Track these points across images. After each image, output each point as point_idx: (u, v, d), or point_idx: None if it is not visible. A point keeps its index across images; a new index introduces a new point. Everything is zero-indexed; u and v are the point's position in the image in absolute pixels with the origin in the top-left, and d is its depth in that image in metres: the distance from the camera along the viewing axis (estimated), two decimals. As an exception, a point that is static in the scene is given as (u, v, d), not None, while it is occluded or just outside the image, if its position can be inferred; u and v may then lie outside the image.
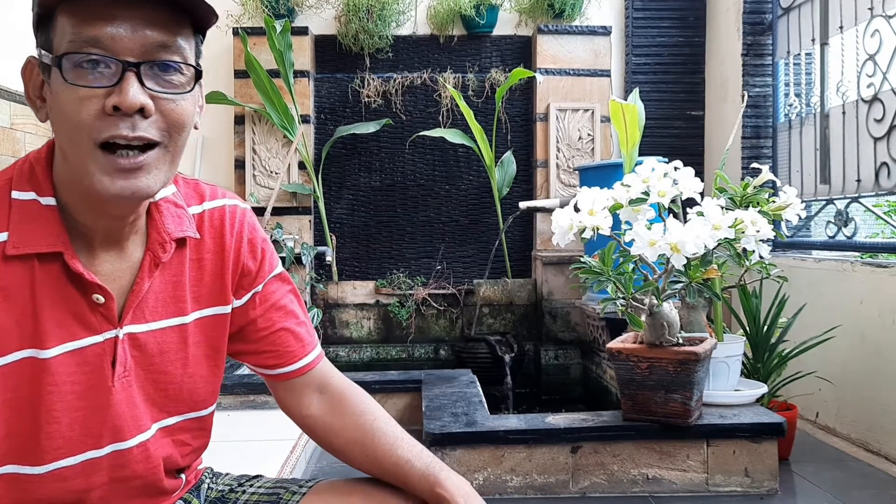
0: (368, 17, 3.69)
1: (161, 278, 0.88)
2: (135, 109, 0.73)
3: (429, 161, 3.90)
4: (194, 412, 0.93)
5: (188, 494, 1.01)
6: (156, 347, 0.87)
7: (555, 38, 3.76)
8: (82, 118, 0.73)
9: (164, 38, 0.75)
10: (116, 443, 0.84)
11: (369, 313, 3.79)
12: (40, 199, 0.80)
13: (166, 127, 0.77)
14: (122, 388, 0.84)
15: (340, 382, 1.02)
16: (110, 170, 0.75)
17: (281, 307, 0.99)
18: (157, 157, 0.77)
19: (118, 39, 0.73)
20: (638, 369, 2.05)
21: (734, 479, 2.12)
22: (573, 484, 2.13)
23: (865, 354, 2.52)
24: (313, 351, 1.02)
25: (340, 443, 0.99)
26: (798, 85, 3.34)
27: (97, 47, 0.73)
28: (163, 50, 0.75)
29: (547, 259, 3.59)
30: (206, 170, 3.89)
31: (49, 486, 0.82)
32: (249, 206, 1.01)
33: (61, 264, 0.80)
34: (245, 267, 0.95)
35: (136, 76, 0.74)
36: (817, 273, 2.80)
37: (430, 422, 2.22)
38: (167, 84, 0.76)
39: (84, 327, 0.81)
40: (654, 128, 3.69)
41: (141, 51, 0.74)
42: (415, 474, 0.93)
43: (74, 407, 0.81)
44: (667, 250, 1.85)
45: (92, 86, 0.73)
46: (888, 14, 2.51)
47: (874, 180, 2.59)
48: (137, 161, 0.76)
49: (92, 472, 0.84)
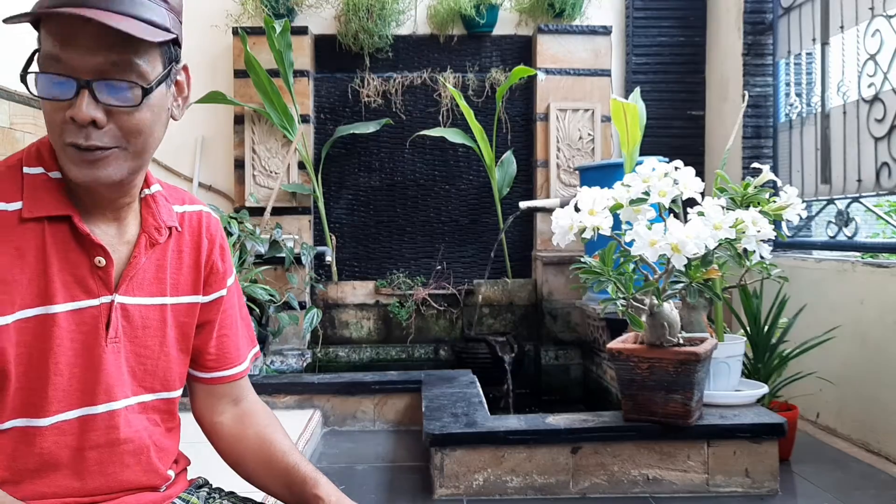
0: (368, 17, 3.68)
1: (148, 260, 0.97)
2: (86, 123, 0.83)
3: (429, 161, 3.90)
4: (165, 392, 1.01)
5: (185, 493, 1.05)
6: (140, 321, 0.96)
7: (555, 38, 3.75)
8: (54, 122, 0.85)
9: (116, 57, 0.84)
10: (109, 402, 0.93)
11: (369, 313, 3.78)
12: (48, 173, 0.91)
13: (122, 134, 0.87)
14: (112, 351, 0.93)
15: (255, 399, 1.15)
16: (77, 161, 0.86)
17: (233, 314, 1.11)
18: (116, 154, 0.87)
19: (75, 59, 0.83)
20: (638, 370, 2.05)
21: (735, 480, 2.12)
22: (573, 484, 2.13)
23: (866, 355, 2.51)
24: (245, 362, 1.13)
25: (241, 448, 1.09)
26: (799, 85, 3.34)
27: (60, 64, 0.83)
28: (114, 68, 0.84)
29: (547, 259, 3.58)
30: (206, 169, 3.89)
31: (50, 439, 0.89)
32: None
33: (69, 227, 0.90)
34: (215, 266, 1.06)
35: (90, 92, 0.83)
36: (818, 273, 2.80)
37: (430, 422, 2.22)
38: (121, 98, 0.85)
39: (84, 290, 0.91)
40: (654, 127, 3.68)
41: (94, 69, 0.83)
42: (299, 476, 1.03)
43: (73, 363, 0.90)
44: (667, 250, 1.85)
45: (55, 99, 0.84)
46: (889, 14, 2.50)
47: (875, 180, 2.59)
48: (96, 156, 0.86)
49: (87, 428, 0.92)
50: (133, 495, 0.97)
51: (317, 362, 3.59)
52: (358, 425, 2.84)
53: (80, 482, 0.92)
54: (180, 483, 1.05)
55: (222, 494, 1.08)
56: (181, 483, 1.06)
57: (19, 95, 3.02)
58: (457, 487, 2.12)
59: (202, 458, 1.18)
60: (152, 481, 0.99)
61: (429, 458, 2.20)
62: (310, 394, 2.84)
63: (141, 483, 0.97)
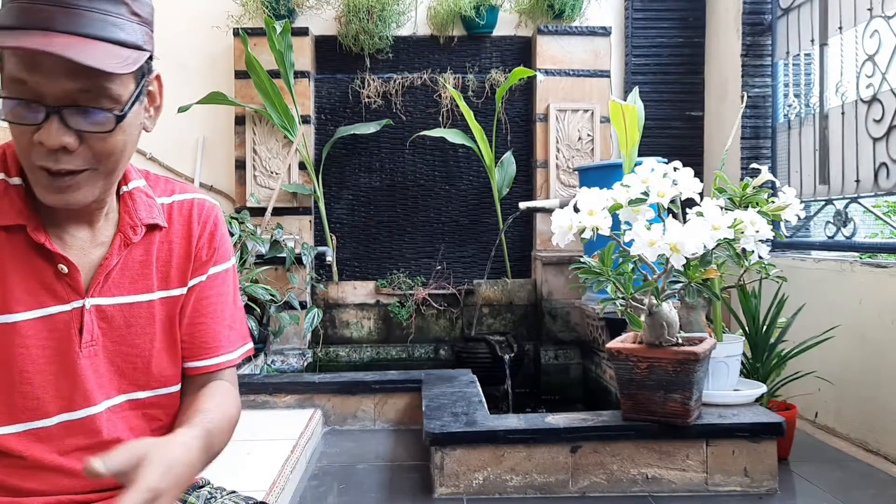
0: (369, 18, 3.69)
1: (130, 257, 0.95)
2: (56, 148, 0.81)
3: (429, 161, 3.90)
4: (162, 388, 0.99)
5: (184, 493, 1.03)
6: (123, 320, 0.94)
7: (555, 39, 3.76)
8: (22, 145, 0.83)
9: (84, 84, 0.80)
10: (88, 406, 0.92)
11: (369, 313, 3.79)
12: (8, 179, 0.89)
13: (93, 157, 0.84)
14: (88, 355, 0.91)
15: (227, 389, 1.02)
16: (46, 185, 0.84)
17: (216, 302, 1.02)
18: (88, 177, 0.85)
19: (42, 85, 0.79)
20: (637, 369, 2.05)
21: (733, 479, 2.13)
22: (573, 483, 2.14)
23: (865, 354, 2.52)
24: (225, 355, 1.02)
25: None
26: (797, 85, 3.34)
27: (25, 87, 0.80)
28: (83, 94, 0.81)
29: (547, 259, 3.59)
30: (207, 170, 3.89)
31: (25, 445, 0.89)
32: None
33: (26, 237, 0.88)
34: (198, 254, 1.01)
35: (59, 118, 0.80)
36: (816, 273, 2.80)
37: (430, 421, 2.23)
38: (93, 124, 0.82)
39: (51, 296, 0.89)
40: (653, 128, 3.70)
41: (63, 96, 0.80)
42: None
43: (45, 370, 0.89)
44: (666, 250, 1.85)
45: (22, 123, 0.81)
46: (887, 15, 2.51)
47: (873, 180, 2.60)
48: (65, 182, 0.84)
49: (67, 434, 0.91)
50: None
51: (317, 362, 3.61)
52: (358, 424, 2.85)
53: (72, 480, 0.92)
54: None
55: (224, 494, 1.08)
56: None
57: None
58: (457, 486, 2.13)
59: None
60: None
61: (429, 458, 2.21)
62: (310, 393, 2.85)
63: None
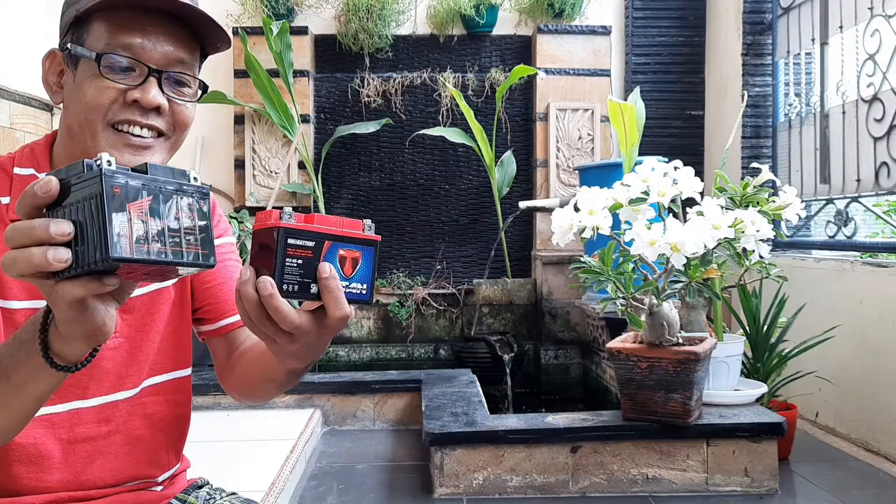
0: (368, 17, 3.69)
1: None
2: (152, 107, 0.87)
3: (429, 161, 3.90)
4: (177, 371, 1.02)
5: (184, 493, 1.05)
6: (144, 310, 0.98)
7: (555, 38, 3.76)
8: (102, 102, 0.86)
9: (182, 54, 0.90)
10: (102, 395, 0.94)
11: (369, 313, 3.79)
12: (38, 174, 0.92)
13: (174, 124, 0.91)
14: (107, 346, 0.93)
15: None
16: (119, 145, 0.88)
17: (227, 267, 1.07)
18: (162, 143, 0.91)
19: (146, 49, 0.87)
20: (638, 369, 2.05)
21: (734, 479, 2.12)
22: (573, 483, 2.13)
23: (865, 354, 2.52)
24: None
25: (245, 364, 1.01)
26: (798, 84, 3.34)
27: (129, 52, 0.86)
28: (179, 64, 0.90)
29: (547, 259, 3.59)
30: (206, 169, 3.89)
31: (38, 431, 0.90)
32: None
33: None
34: None
35: (158, 81, 0.88)
36: (817, 273, 2.80)
37: (429, 421, 2.22)
38: (180, 92, 0.91)
39: None
40: (654, 127, 3.69)
41: (164, 61, 0.88)
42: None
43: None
44: (666, 250, 1.85)
45: (120, 82, 0.86)
46: (888, 14, 2.51)
47: (874, 180, 2.59)
48: (146, 141, 0.89)
49: (78, 422, 0.92)
50: (131, 493, 0.96)
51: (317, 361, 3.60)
52: (358, 424, 2.85)
53: (73, 475, 0.92)
54: (180, 483, 1.06)
55: (223, 495, 1.08)
56: (181, 483, 1.06)
57: (20, 95, 3.02)
58: (457, 486, 2.12)
59: (202, 458, 1.18)
60: (147, 471, 0.99)
61: (429, 458, 2.21)
62: (310, 393, 2.84)
63: (135, 474, 0.97)
